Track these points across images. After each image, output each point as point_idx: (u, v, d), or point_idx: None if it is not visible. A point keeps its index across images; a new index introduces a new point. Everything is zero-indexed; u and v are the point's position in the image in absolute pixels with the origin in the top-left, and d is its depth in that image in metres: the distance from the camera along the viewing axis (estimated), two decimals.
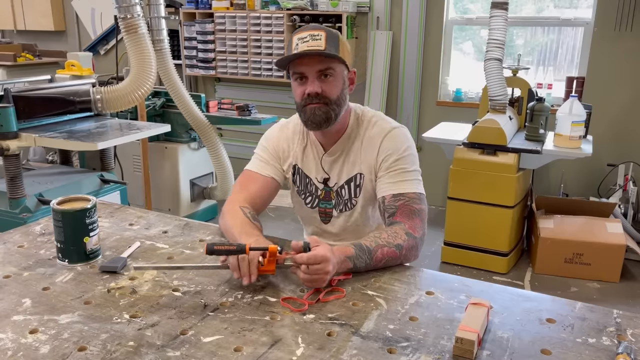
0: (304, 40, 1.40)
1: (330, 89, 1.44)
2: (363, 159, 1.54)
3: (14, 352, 0.97)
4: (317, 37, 1.39)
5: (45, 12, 5.87)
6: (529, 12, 4.25)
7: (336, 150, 1.57)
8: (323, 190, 1.61)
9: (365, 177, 1.55)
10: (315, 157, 1.60)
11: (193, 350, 0.99)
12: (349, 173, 1.56)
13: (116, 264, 1.29)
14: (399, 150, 1.50)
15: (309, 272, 1.18)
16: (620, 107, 3.92)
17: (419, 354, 0.99)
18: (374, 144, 1.53)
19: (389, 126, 1.54)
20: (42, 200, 2.62)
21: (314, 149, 1.60)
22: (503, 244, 3.37)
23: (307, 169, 1.61)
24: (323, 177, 1.59)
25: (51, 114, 2.71)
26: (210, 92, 5.36)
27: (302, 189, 1.63)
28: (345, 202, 1.59)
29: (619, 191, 3.82)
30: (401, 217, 1.43)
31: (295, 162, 1.62)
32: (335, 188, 1.59)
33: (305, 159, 1.61)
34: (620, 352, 0.98)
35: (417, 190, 1.48)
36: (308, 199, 1.63)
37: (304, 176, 1.62)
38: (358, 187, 1.56)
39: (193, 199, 3.99)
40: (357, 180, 1.56)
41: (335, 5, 4.38)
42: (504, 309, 1.15)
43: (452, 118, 4.22)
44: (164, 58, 3.40)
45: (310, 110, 1.45)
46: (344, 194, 1.58)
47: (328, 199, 1.61)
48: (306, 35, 1.40)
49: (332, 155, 1.57)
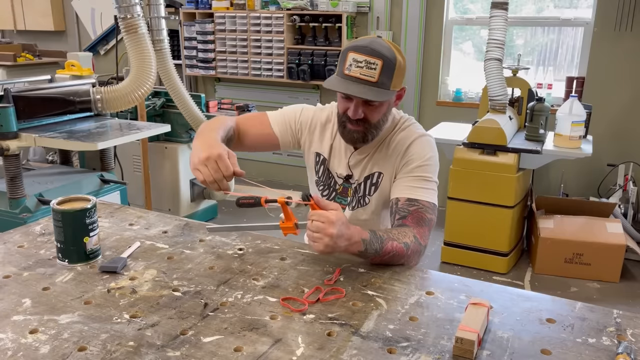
0: (358, 64, 1.37)
1: (373, 115, 1.45)
2: (387, 159, 1.55)
3: (14, 352, 0.97)
4: (373, 67, 1.37)
5: (45, 12, 5.87)
6: (529, 12, 4.25)
7: (366, 150, 1.57)
8: (342, 185, 1.61)
9: (385, 177, 1.55)
10: (343, 152, 1.60)
11: (193, 350, 0.99)
12: (369, 170, 1.57)
13: (116, 264, 1.29)
14: (423, 157, 1.50)
15: (311, 228, 1.21)
16: (620, 107, 3.92)
17: (419, 354, 0.99)
18: (400, 147, 1.53)
19: (417, 132, 1.55)
20: (42, 200, 2.62)
21: (343, 144, 1.60)
22: (503, 244, 3.37)
23: (332, 163, 1.62)
24: (347, 174, 1.60)
25: (51, 114, 2.71)
26: (210, 92, 5.36)
27: (323, 180, 1.64)
28: (359, 199, 1.59)
29: (619, 191, 3.82)
30: (411, 222, 1.43)
31: (321, 151, 1.63)
32: (354, 185, 1.60)
33: (333, 151, 1.62)
34: (620, 352, 0.98)
35: (432, 200, 1.48)
36: (325, 191, 1.64)
37: (326, 167, 1.63)
38: (374, 185, 1.57)
39: (193, 199, 3.99)
40: (374, 178, 1.56)
41: (335, 5, 4.38)
42: (504, 309, 1.15)
43: (452, 118, 4.22)
44: (164, 58, 3.40)
45: (348, 130, 1.48)
46: (360, 190, 1.59)
47: (345, 195, 1.61)
48: (362, 60, 1.37)
49: (361, 154, 1.58)
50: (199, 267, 1.32)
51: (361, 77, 1.38)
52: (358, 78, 1.38)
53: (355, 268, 1.33)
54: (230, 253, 1.40)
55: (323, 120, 1.64)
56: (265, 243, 1.47)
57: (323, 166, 1.63)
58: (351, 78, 1.39)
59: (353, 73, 1.38)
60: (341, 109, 1.48)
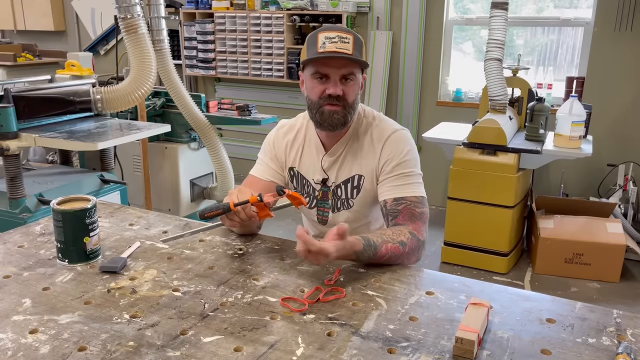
0: (332, 40, 1.39)
1: (350, 93, 1.46)
2: (364, 160, 1.55)
3: (14, 352, 0.97)
4: (346, 40, 1.40)
5: (45, 12, 5.87)
6: (529, 12, 4.25)
7: (337, 150, 1.57)
8: (320, 190, 1.61)
9: (366, 179, 1.55)
10: (315, 157, 1.60)
11: (193, 350, 0.99)
12: (347, 173, 1.57)
13: (116, 264, 1.29)
14: (400, 154, 1.51)
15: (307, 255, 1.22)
16: (620, 107, 3.92)
17: (419, 354, 0.99)
18: (375, 147, 1.54)
19: (390, 129, 1.55)
20: (42, 200, 2.62)
21: (313, 149, 1.60)
22: (503, 244, 3.37)
23: (304, 170, 1.61)
24: (322, 178, 1.59)
25: (51, 114, 2.70)
26: (210, 92, 5.36)
27: (300, 190, 1.64)
28: (343, 201, 1.59)
29: (619, 191, 3.82)
30: (403, 220, 1.45)
31: (292, 164, 1.63)
32: (332, 187, 1.59)
33: (303, 159, 1.61)
34: (620, 352, 0.98)
35: (418, 193, 1.48)
36: (306, 200, 1.63)
37: (300, 178, 1.63)
38: (356, 188, 1.57)
39: (193, 199, 3.99)
40: (354, 181, 1.56)
41: (335, 5, 4.38)
42: (504, 309, 1.15)
43: (452, 118, 4.22)
44: (164, 58, 3.40)
45: (328, 112, 1.46)
46: (340, 193, 1.59)
47: (325, 199, 1.61)
48: (335, 35, 1.40)
49: (332, 155, 1.57)
50: (199, 267, 1.32)
51: (338, 51, 1.39)
52: (334, 52, 1.39)
53: (355, 268, 1.33)
54: (230, 253, 1.41)
55: (286, 135, 1.63)
56: (265, 243, 1.47)
57: (296, 177, 1.63)
58: (327, 53, 1.39)
59: (329, 48, 1.39)
60: (318, 93, 1.46)
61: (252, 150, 5.22)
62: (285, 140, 1.63)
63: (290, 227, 4.00)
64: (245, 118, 3.79)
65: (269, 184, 1.59)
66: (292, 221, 4.05)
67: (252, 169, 1.67)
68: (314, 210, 1.64)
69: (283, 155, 1.63)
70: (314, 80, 1.46)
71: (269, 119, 3.81)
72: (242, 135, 5.24)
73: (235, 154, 5.13)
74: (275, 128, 1.68)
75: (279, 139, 1.64)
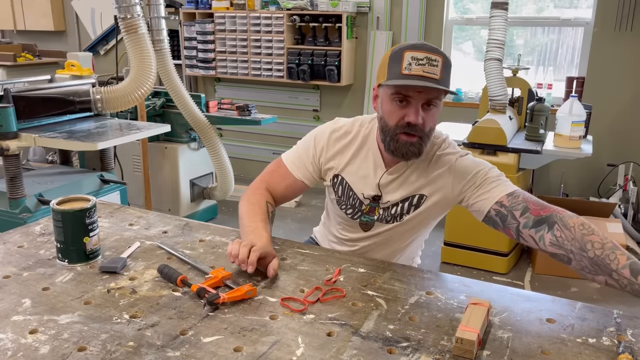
0: (419, 62, 1.27)
1: (430, 121, 1.35)
2: (430, 181, 1.45)
3: (14, 352, 0.97)
4: (435, 63, 1.28)
5: (45, 12, 5.88)
6: (529, 12, 4.25)
7: (399, 169, 1.46)
8: (369, 205, 1.51)
9: (429, 200, 1.46)
10: (370, 171, 1.49)
11: (193, 350, 0.99)
12: (407, 192, 1.47)
13: (116, 264, 1.29)
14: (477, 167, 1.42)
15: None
16: (620, 107, 3.93)
17: (419, 354, 0.99)
18: (446, 171, 1.44)
19: (458, 153, 1.46)
20: (42, 200, 2.62)
21: (370, 163, 1.49)
22: (503, 244, 3.37)
23: (353, 181, 1.50)
24: (374, 195, 1.49)
25: (51, 114, 2.71)
26: (210, 92, 5.36)
27: (344, 200, 1.53)
28: (395, 216, 1.49)
29: (619, 191, 3.82)
30: (535, 207, 1.32)
31: (339, 171, 1.52)
32: (384, 205, 1.49)
33: (353, 168, 1.50)
34: (621, 352, 0.98)
35: (517, 187, 1.40)
36: (349, 210, 1.54)
37: (347, 188, 1.51)
38: (414, 206, 1.47)
39: (193, 199, 3.99)
40: (414, 200, 1.47)
41: (335, 5, 4.38)
42: (504, 309, 1.15)
43: (452, 118, 4.22)
44: (164, 58, 3.40)
45: (403, 142, 1.35)
46: (394, 210, 1.49)
47: (372, 213, 1.51)
48: (423, 57, 1.28)
49: (393, 174, 1.47)
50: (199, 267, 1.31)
51: (424, 75, 1.27)
52: (421, 76, 1.27)
53: (355, 268, 1.33)
54: None
55: (340, 140, 1.52)
56: None
57: (342, 186, 1.52)
58: (413, 77, 1.28)
59: (415, 71, 1.27)
60: (396, 119, 1.34)
61: (252, 150, 5.23)
62: (336, 147, 1.52)
63: (290, 227, 4.00)
64: (245, 118, 3.79)
65: (299, 182, 1.53)
66: (292, 221, 4.05)
67: (287, 154, 1.57)
68: (357, 221, 1.54)
69: (329, 161, 1.52)
70: (393, 103, 1.34)
71: (269, 119, 3.81)
72: (242, 135, 5.24)
73: (235, 154, 5.13)
74: (330, 129, 1.54)
75: (330, 145, 1.52)
